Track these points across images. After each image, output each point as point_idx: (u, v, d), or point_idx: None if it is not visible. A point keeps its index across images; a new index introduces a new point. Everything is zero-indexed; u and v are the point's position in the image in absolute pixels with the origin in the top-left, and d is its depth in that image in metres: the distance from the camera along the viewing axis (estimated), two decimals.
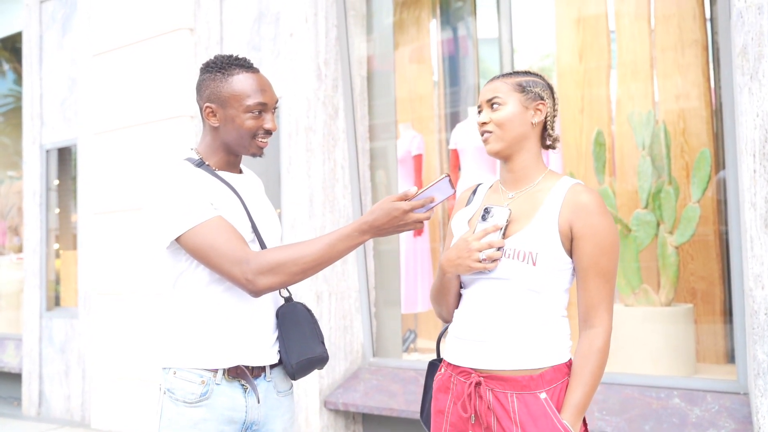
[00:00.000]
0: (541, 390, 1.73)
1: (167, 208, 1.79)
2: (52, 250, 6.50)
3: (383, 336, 4.73)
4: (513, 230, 1.79)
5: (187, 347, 1.84)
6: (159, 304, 5.11)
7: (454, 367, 1.85)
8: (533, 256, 1.74)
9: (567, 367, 1.79)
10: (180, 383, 1.82)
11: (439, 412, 1.87)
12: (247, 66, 1.91)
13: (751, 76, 2.90)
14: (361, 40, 4.81)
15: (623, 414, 3.41)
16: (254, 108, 1.87)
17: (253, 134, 1.88)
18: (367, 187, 4.72)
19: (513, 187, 1.87)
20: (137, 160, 5.34)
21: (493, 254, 1.75)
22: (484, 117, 1.85)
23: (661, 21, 4.54)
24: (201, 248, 1.77)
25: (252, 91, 1.87)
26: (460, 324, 1.85)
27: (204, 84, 1.91)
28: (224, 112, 1.88)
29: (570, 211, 1.75)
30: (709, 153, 3.96)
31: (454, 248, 1.81)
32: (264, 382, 1.90)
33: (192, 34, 5.17)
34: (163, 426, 1.84)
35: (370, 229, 1.75)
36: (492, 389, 1.75)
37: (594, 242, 1.74)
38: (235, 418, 1.84)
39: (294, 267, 1.75)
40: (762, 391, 2.84)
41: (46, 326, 6.25)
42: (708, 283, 4.34)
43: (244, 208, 1.88)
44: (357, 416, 4.50)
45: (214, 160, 1.93)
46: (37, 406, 6.23)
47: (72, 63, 6.22)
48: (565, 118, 4.87)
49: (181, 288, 1.87)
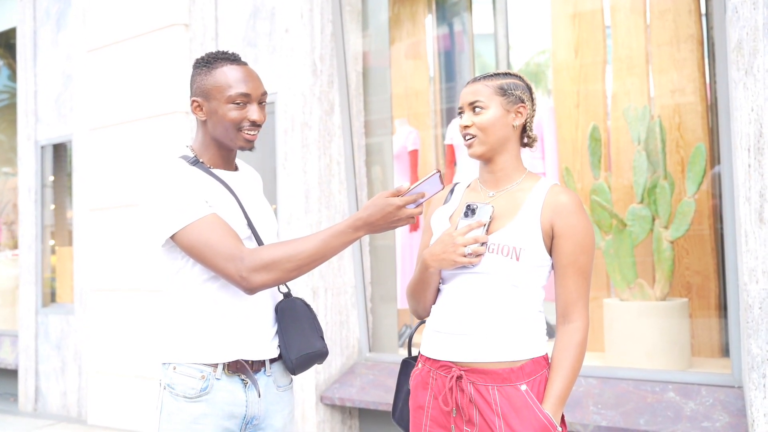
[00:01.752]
0: (521, 382, 1.76)
1: (162, 207, 1.79)
2: (48, 247, 6.49)
3: (379, 331, 4.74)
4: (495, 227, 1.82)
5: (186, 342, 1.84)
6: (155, 301, 5.11)
7: (433, 362, 1.86)
8: (517, 251, 1.78)
9: (545, 360, 1.83)
10: (180, 378, 1.82)
11: (419, 407, 1.88)
12: (233, 59, 1.91)
13: (746, 71, 2.91)
14: (357, 36, 4.81)
15: (618, 408, 3.42)
16: (236, 98, 1.86)
17: (238, 126, 1.88)
18: (362, 182, 4.72)
19: (493, 186, 1.91)
20: (132, 156, 5.33)
21: (477, 249, 1.79)
22: (466, 120, 1.88)
23: (656, 16, 4.55)
24: (195, 246, 1.77)
25: (234, 82, 1.86)
26: (440, 318, 1.87)
27: (192, 80, 1.93)
28: (209, 105, 1.88)
29: (551, 210, 1.80)
30: (704, 148, 3.97)
31: (439, 243, 1.83)
32: (264, 377, 1.90)
33: (187, 29, 5.16)
34: (163, 421, 1.84)
35: (364, 225, 1.76)
36: (473, 382, 1.78)
37: (574, 241, 1.79)
38: (235, 412, 1.85)
39: (288, 264, 1.75)
40: (756, 385, 2.86)
41: (42, 323, 6.25)
42: (703, 277, 4.35)
43: (239, 205, 1.88)
44: (353, 411, 4.51)
45: (208, 156, 1.93)
46: (34, 403, 6.23)
47: (67, 59, 6.20)
48: (560, 114, 4.88)
49: (179, 285, 1.87)
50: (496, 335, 1.78)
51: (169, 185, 1.81)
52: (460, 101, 1.91)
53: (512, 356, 1.78)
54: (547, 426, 1.74)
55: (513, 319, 1.79)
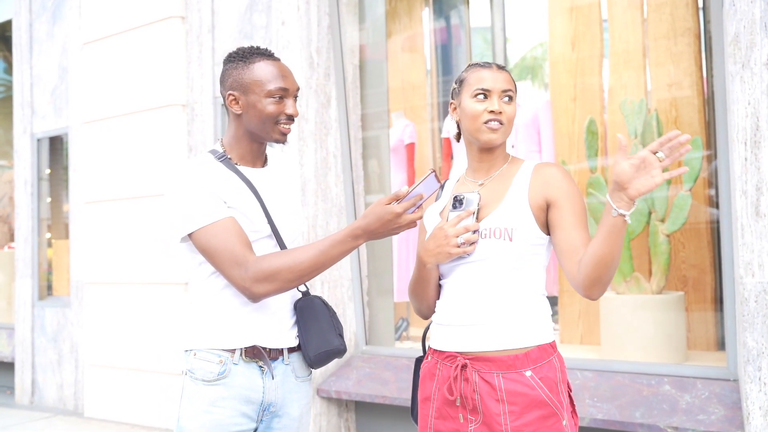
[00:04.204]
0: (526, 368, 1.76)
1: (181, 205, 1.86)
2: (44, 240, 6.48)
3: (376, 324, 4.74)
4: (485, 213, 1.83)
5: (205, 329, 1.91)
6: (152, 293, 5.10)
7: (439, 353, 1.87)
8: (509, 231, 1.78)
9: (551, 348, 1.82)
10: (199, 363, 1.89)
11: (426, 399, 1.89)
12: (269, 54, 1.97)
13: (743, 64, 2.91)
14: (354, 29, 4.80)
15: (614, 401, 3.43)
16: (275, 93, 1.91)
17: (276, 120, 1.93)
18: (359, 175, 4.72)
19: (483, 175, 1.91)
20: (129, 149, 5.32)
21: (470, 237, 1.79)
22: (498, 106, 1.83)
23: (653, 9, 4.54)
24: (207, 248, 1.84)
25: (273, 77, 1.92)
26: (444, 311, 1.88)
27: (227, 73, 1.96)
28: (246, 99, 1.92)
29: (539, 183, 1.81)
30: (701, 141, 3.97)
31: (431, 238, 1.84)
32: (282, 365, 1.95)
33: (183, 22, 5.14)
34: (184, 404, 1.91)
35: (363, 233, 1.79)
36: (478, 370, 1.78)
37: (571, 201, 1.79)
38: (252, 398, 1.90)
39: (289, 274, 1.80)
40: (751, 378, 2.87)
41: (39, 315, 6.24)
42: (699, 270, 4.36)
43: (260, 205, 1.92)
44: (350, 404, 4.51)
45: (238, 151, 1.97)
46: (30, 395, 6.23)
47: (63, 51, 6.18)
48: (557, 107, 4.88)
49: (200, 276, 1.94)
50: (500, 323, 1.78)
51: (190, 184, 1.86)
52: (486, 83, 1.84)
53: (518, 344, 1.78)
54: (554, 411, 1.74)
55: (516, 304, 1.79)
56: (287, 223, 1.99)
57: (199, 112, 5.01)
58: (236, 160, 1.97)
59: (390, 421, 4.29)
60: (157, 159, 5.12)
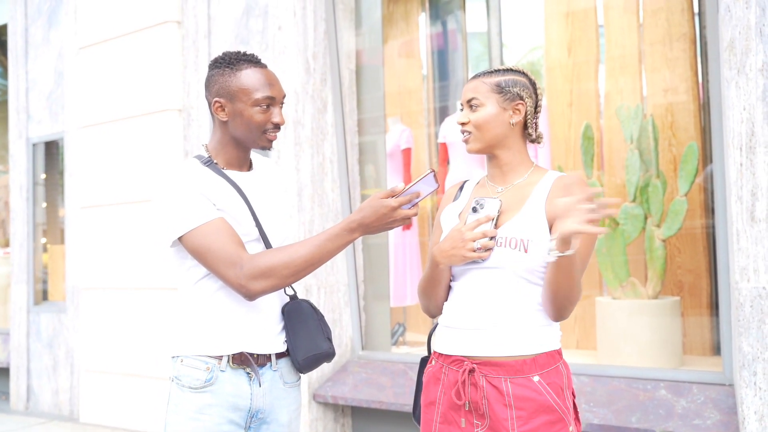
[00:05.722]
0: (534, 374, 1.77)
1: (170, 209, 1.84)
2: (40, 245, 6.46)
3: (372, 329, 4.74)
4: (504, 220, 1.82)
5: (192, 336, 1.90)
6: (147, 299, 5.09)
7: (445, 357, 1.86)
8: (525, 243, 1.77)
9: (558, 354, 1.84)
10: (186, 370, 1.88)
11: (430, 403, 1.88)
12: (255, 61, 1.95)
13: (739, 70, 2.92)
14: (350, 34, 4.80)
15: (610, 406, 3.43)
16: (262, 102, 1.89)
17: (263, 128, 1.91)
18: (356, 181, 4.72)
19: (501, 182, 1.91)
20: (125, 154, 5.31)
21: (486, 243, 1.79)
22: (462, 117, 1.90)
23: (649, 15, 4.56)
24: (199, 250, 1.82)
25: (260, 85, 1.90)
26: (452, 314, 1.87)
27: (213, 79, 1.94)
28: (233, 106, 1.90)
29: (559, 195, 1.78)
30: (696, 147, 3.98)
31: (448, 239, 1.83)
32: (270, 371, 1.94)
33: (179, 27, 5.15)
34: (170, 411, 1.89)
35: (358, 227, 1.78)
36: (485, 375, 1.77)
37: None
38: (239, 405, 1.88)
39: (285, 270, 1.79)
40: (747, 383, 2.87)
41: (34, 321, 6.23)
42: (695, 275, 4.37)
43: (248, 208, 1.91)
44: (346, 409, 4.51)
45: (223, 157, 1.96)
46: (26, 401, 6.20)
47: (58, 56, 6.17)
48: (553, 112, 4.88)
49: (187, 281, 1.92)
50: (509, 329, 1.78)
51: (179, 187, 1.85)
52: (461, 98, 1.93)
53: (526, 350, 1.78)
54: (561, 416, 1.75)
55: (526, 313, 1.79)
56: (275, 227, 1.98)
57: (195, 117, 5.00)
58: (222, 165, 1.95)
59: (386, 427, 4.28)
60: (153, 164, 5.12)
